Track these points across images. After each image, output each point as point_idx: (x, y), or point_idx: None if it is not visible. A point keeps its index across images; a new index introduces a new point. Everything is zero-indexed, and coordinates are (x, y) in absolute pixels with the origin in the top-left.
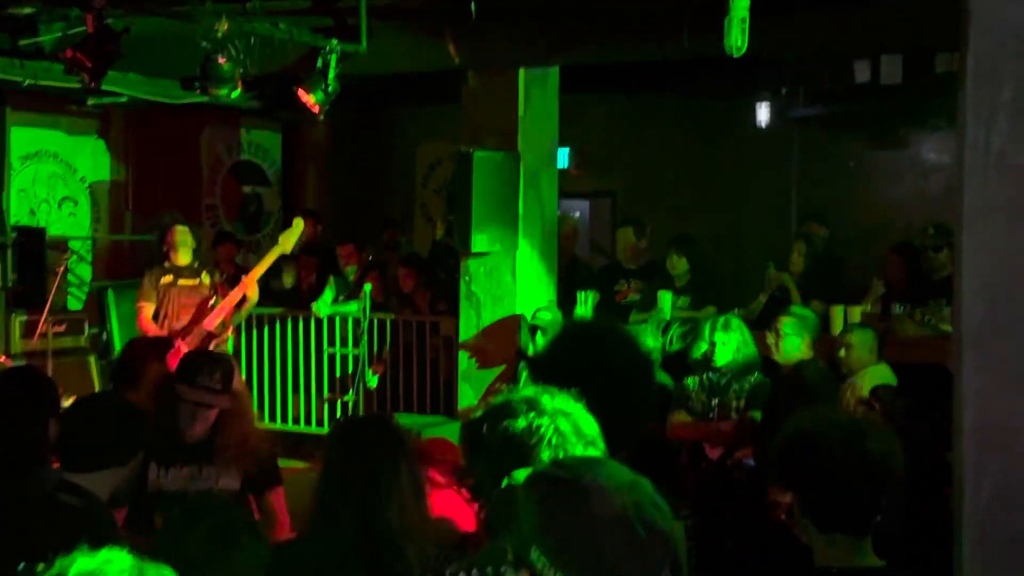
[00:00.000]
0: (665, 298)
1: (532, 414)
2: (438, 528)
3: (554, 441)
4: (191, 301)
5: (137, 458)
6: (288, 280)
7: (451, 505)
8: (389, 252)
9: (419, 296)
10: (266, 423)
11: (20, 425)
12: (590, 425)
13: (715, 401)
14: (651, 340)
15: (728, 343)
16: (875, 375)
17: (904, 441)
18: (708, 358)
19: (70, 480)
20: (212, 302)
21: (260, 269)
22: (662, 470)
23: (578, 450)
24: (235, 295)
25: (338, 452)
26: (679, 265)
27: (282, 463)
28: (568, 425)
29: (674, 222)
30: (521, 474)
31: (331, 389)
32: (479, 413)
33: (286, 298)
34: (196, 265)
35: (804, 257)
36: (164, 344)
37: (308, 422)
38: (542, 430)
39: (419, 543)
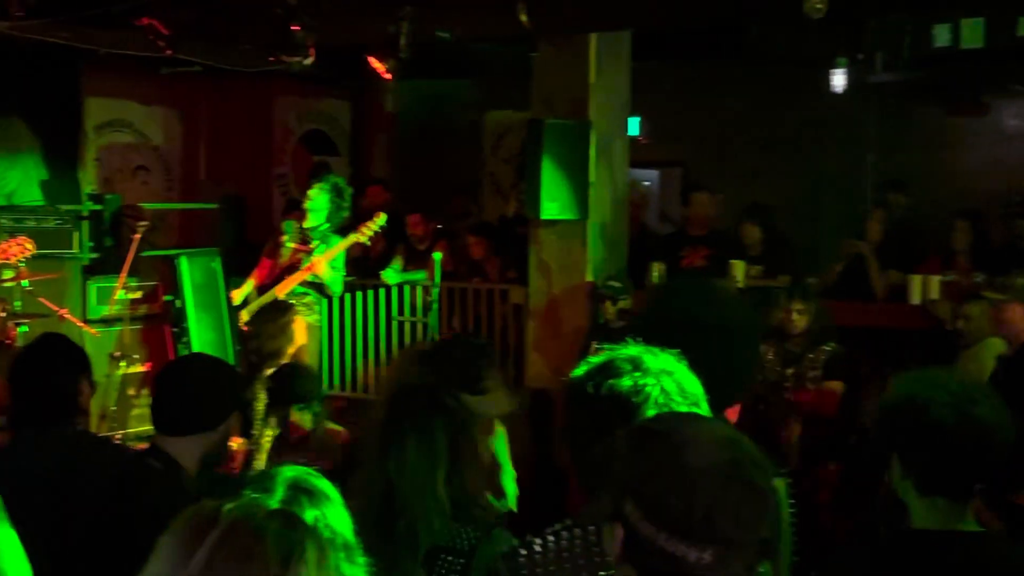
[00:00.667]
0: (738, 267)
1: (637, 373)
2: (475, 502)
3: (660, 400)
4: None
5: (229, 422)
6: (356, 249)
7: None
8: (458, 220)
9: (489, 264)
10: (336, 391)
11: (47, 383)
12: (694, 384)
13: (790, 371)
14: None
15: (804, 312)
16: (993, 346)
17: None
18: (783, 327)
19: (160, 445)
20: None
21: (333, 252)
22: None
23: (682, 409)
24: (302, 274)
25: (379, 416)
26: (752, 233)
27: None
28: (673, 384)
29: (746, 191)
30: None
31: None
32: (581, 371)
33: (354, 266)
34: (323, 229)
35: (882, 225)
36: None
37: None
38: (648, 389)
39: (431, 513)
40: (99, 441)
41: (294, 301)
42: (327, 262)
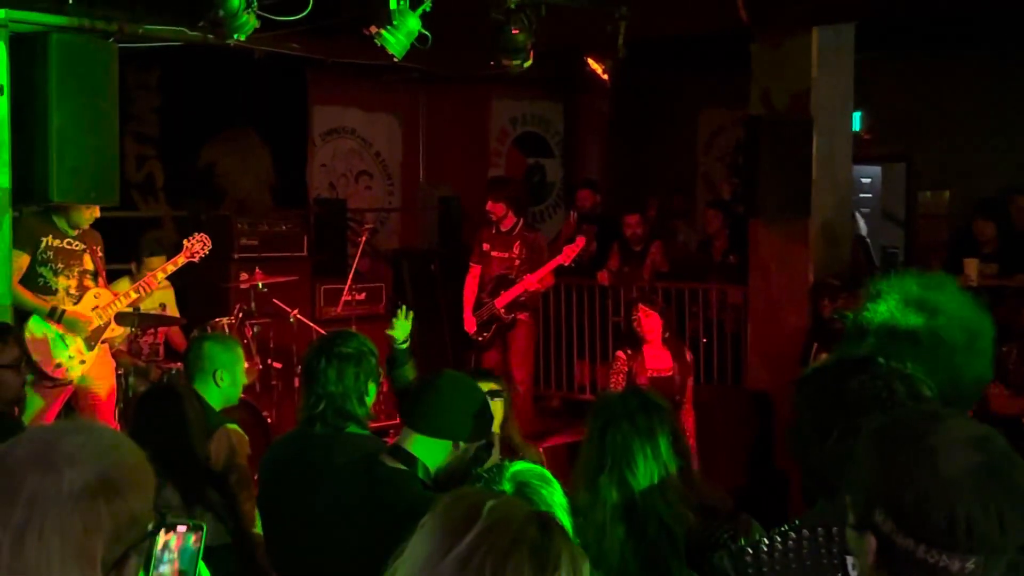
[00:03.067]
0: (971, 265)
1: (864, 375)
2: (710, 497)
3: (888, 403)
4: (498, 272)
5: (472, 447)
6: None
7: None
8: (674, 219)
9: (719, 239)
10: (553, 390)
11: (335, 385)
12: (927, 387)
13: None
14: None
15: None
16: None
17: None
18: None
19: (402, 444)
20: (512, 277)
21: (543, 271)
22: None
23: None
24: (519, 288)
25: (596, 423)
26: (986, 230)
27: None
28: (903, 387)
29: (978, 187)
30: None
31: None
32: (809, 371)
33: (568, 267)
34: (514, 233)
35: None
36: None
37: (592, 390)
38: (876, 390)
39: (677, 510)
40: (360, 444)
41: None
42: (539, 279)
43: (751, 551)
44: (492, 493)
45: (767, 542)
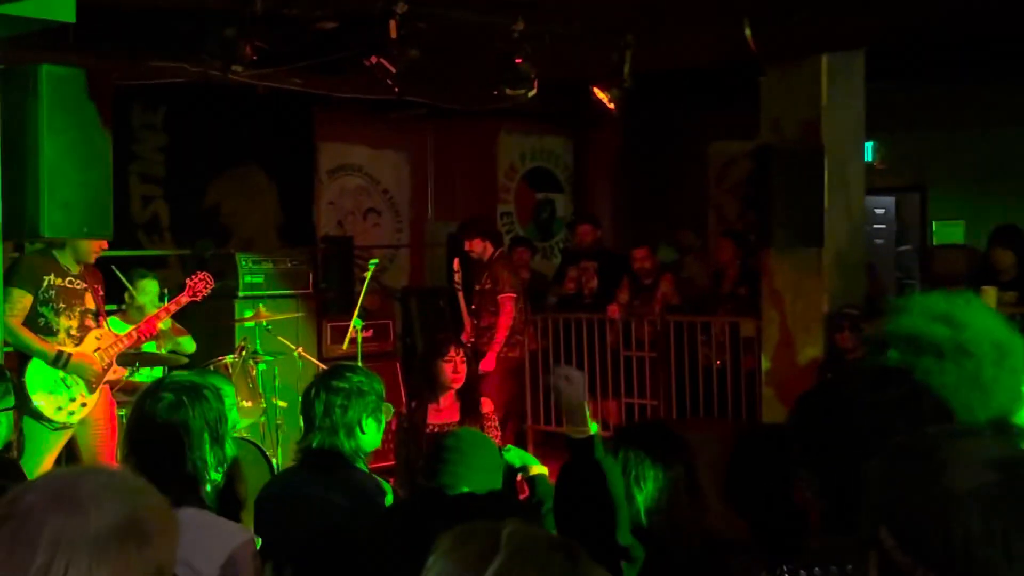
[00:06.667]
0: (990, 294)
1: (902, 386)
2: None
3: (917, 417)
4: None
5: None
6: (571, 286)
7: None
8: (684, 254)
9: (732, 268)
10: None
11: (323, 420)
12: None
13: None
14: None
15: None
16: None
17: None
18: None
19: None
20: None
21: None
22: None
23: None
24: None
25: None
26: (1004, 258)
27: None
28: (931, 401)
29: (992, 216)
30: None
31: (628, 394)
32: (827, 382)
33: (568, 304)
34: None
35: None
36: None
37: (606, 426)
38: (916, 401)
39: (684, 541)
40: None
41: None
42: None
43: None
44: (502, 523)
45: None
